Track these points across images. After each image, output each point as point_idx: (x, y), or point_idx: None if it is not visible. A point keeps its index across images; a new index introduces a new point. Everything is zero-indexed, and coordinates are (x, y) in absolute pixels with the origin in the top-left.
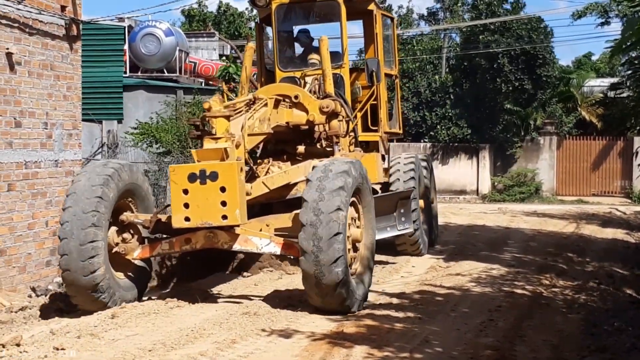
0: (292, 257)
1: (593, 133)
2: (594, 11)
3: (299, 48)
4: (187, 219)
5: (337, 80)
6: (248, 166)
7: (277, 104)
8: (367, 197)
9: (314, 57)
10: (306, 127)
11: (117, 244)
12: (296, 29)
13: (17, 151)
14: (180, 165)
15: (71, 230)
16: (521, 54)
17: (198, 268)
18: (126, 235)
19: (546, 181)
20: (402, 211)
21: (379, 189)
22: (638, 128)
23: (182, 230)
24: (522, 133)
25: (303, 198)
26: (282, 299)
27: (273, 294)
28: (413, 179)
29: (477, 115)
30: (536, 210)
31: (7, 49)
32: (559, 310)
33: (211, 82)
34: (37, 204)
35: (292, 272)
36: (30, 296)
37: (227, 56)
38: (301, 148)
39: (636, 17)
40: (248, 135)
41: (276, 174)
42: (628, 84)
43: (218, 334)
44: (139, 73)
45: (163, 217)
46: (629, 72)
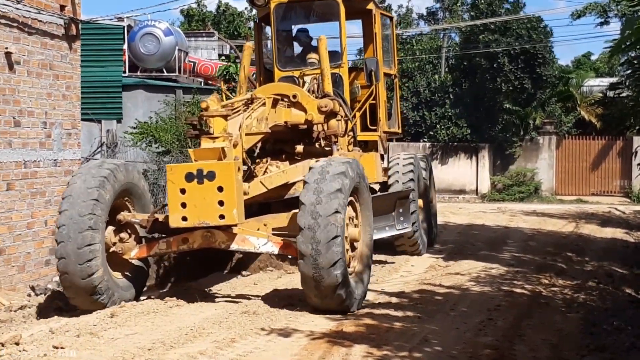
0: (290, 257)
1: (592, 133)
2: (593, 11)
3: (298, 47)
4: (185, 219)
5: (336, 79)
6: (246, 166)
7: (276, 104)
8: (365, 195)
9: (313, 57)
10: (304, 127)
11: (115, 244)
12: (295, 28)
13: (16, 150)
14: (177, 164)
15: (68, 233)
16: (521, 53)
17: (196, 267)
18: (123, 234)
19: (545, 181)
20: (401, 211)
21: (378, 189)
22: (637, 128)
23: (180, 229)
24: (522, 133)
25: (300, 201)
26: (282, 298)
27: (272, 293)
28: (412, 179)
29: (477, 114)
30: (535, 209)
31: (6, 49)
32: (558, 309)
33: (210, 82)
34: (36, 204)
35: (292, 272)
36: (29, 295)
37: (228, 56)
38: (300, 147)
39: (635, 17)
40: (246, 134)
41: (274, 174)
42: (627, 84)
43: (217, 333)
44: (138, 73)
45: (160, 217)
46: (628, 72)
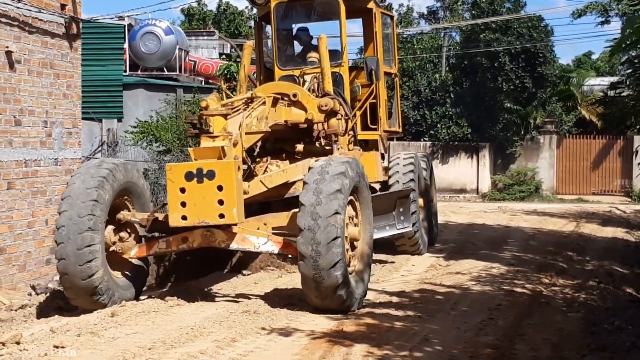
0: (290, 256)
1: (593, 132)
2: (594, 10)
3: (298, 46)
4: (184, 218)
5: (337, 78)
6: (246, 165)
7: (276, 103)
8: (364, 194)
9: (313, 56)
10: (305, 126)
11: (114, 243)
12: (295, 27)
13: (17, 149)
14: (177, 163)
15: (67, 234)
16: (522, 53)
17: (196, 267)
18: (123, 234)
19: (546, 180)
20: (401, 210)
21: (379, 188)
22: (638, 127)
23: (179, 229)
24: (522, 132)
25: (300, 202)
26: (282, 298)
27: (273, 293)
28: (412, 179)
29: (477, 114)
30: (536, 209)
31: (7, 48)
32: (559, 308)
33: (211, 81)
34: (37, 203)
35: (293, 271)
36: (30, 294)
37: (229, 55)
38: (300, 147)
39: (636, 16)
40: (246, 133)
41: (274, 173)
42: (628, 83)
43: (218, 333)
44: (139, 71)
45: (160, 216)
46: (629, 71)
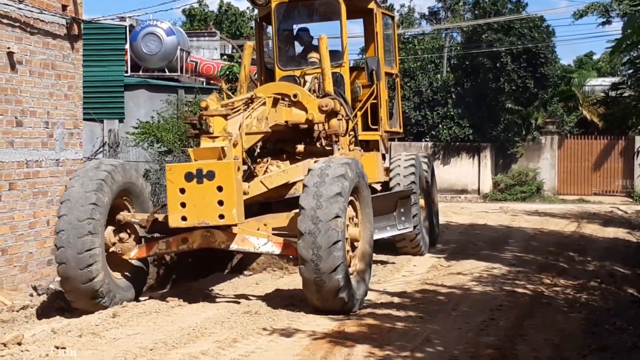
0: (291, 257)
1: (594, 132)
2: (595, 11)
3: (299, 47)
4: (184, 219)
5: (337, 79)
6: (246, 165)
7: (276, 103)
8: (364, 193)
9: (314, 56)
10: (305, 126)
11: (114, 244)
12: (296, 28)
13: (19, 150)
14: (177, 164)
15: (67, 239)
16: (523, 53)
17: (197, 267)
18: (123, 235)
19: (547, 180)
20: (402, 210)
21: (380, 189)
22: (639, 127)
23: (179, 229)
24: (524, 132)
25: (300, 205)
26: (284, 298)
27: (274, 293)
28: (413, 181)
29: (479, 114)
30: (537, 209)
31: (8, 48)
32: (560, 309)
33: (212, 82)
34: (38, 203)
35: (294, 271)
36: (31, 295)
37: (231, 56)
38: (300, 147)
39: (637, 16)
40: (246, 134)
41: (275, 173)
42: (629, 84)
43: (219, 333)
44: (140, 72)
45: (160, 217)
46: (630, 72)
